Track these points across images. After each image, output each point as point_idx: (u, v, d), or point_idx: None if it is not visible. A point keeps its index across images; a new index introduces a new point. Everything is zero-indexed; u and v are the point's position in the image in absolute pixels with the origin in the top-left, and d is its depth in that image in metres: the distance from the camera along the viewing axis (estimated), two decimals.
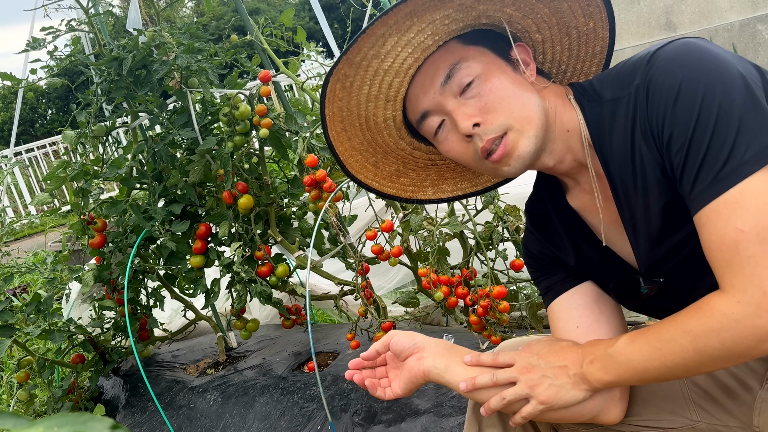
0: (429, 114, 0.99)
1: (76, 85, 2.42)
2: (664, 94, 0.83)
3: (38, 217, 3.10)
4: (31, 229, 8.99)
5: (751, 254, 0.76)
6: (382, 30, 0.92)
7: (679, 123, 0.82)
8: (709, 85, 0.80)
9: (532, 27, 1.01)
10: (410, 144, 1.10)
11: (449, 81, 0.95)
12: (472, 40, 0.97)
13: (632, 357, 0.88)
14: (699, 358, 0.81)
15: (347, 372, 1.11)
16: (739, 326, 0.77)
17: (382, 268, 2.96)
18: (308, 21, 16.39)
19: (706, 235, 0.81)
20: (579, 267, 1.08)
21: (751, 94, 0.80)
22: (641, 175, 0.89)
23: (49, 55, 2.28)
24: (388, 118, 1.05)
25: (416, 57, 0.96)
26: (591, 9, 0.98)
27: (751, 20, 5.19)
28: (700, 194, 0.81)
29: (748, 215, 0.76)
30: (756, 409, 0.97)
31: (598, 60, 1.06)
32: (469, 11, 0.94)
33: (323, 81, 0.98)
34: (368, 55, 0.95)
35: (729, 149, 0.78)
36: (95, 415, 0.30)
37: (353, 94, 1.00)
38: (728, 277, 0.79)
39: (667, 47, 0.87)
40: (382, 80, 0.98)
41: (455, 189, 1.18)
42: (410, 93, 1.00)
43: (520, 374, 0.97)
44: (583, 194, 1.03)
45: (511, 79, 0.95)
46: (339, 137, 1.06)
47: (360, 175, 1.11)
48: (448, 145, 1.00)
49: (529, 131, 0.93)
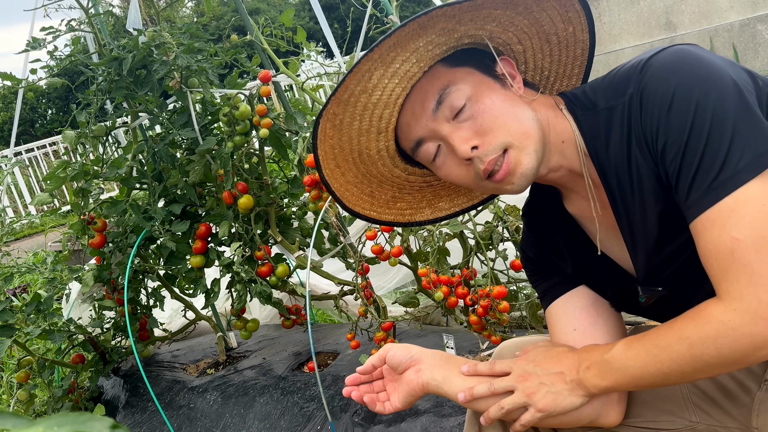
0: (424, 141, 0.98)
1: (76, 85, 2.42)
2: (658, 103, 0.83)
3: (38, 217, 3.10)
4: (31, 229, 8.99)
5: (747, 262, 0.77)
6: (367, 65, 0.91)
7: (673, 131, 0.82)
8: (703, 93, 0.80)
9: (513, 39, 1.01)
10: (405, 170, 1.09)
11: (440, 106, 0.94)
12: (457, 61, 0.96)
13: (629, 363, 0.88)
14: (695, 365, 0.82)
15: (344, 389, 1.10)
16: (735, 333, 0.77)
17: (382, 268, 2.96)
18: (308, 21, 16.39)
19: (702, 243, 0.81)
20: (576, 274, 1.08)
21: (744, 101, 0.80)
22: (638, 183, 0.89)
23: (49, 55, 2.28)
24: (381, 149, 1.04)
25: (403, 86, 0.95)
26: (570, 14, 0.97)
27: (751, 20, 5.20)
28: (695, 202, 0.81)
29: (744, 223, 0.77)
30: (755, 410, 0.97)
31: (579, 62, 1.06)
32: (452, 34, 0.93)
33: (314, 123, 0.97)
34: (355, 92, 0.94)
35: (723, 157, 0.78)
36: (95, 415, 0.30)
37: (344, 131, 0.99)
38: (724, 285, 0.79)
39: (660, 55, 0.87)
40: (372, 113, 0.97)
41: (452, 206, 1.17)
42: (401, 122, 0.99)
43: (518, 382, 0.97)
44: (580, 201, 1.03)
45: (502, 97, 0.95)
46: (333, 174, 1.05)
47: (357, 207, 1.10)
48: (447, 170, 0.99)
49: (529, 147, 0.93)
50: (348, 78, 0.91)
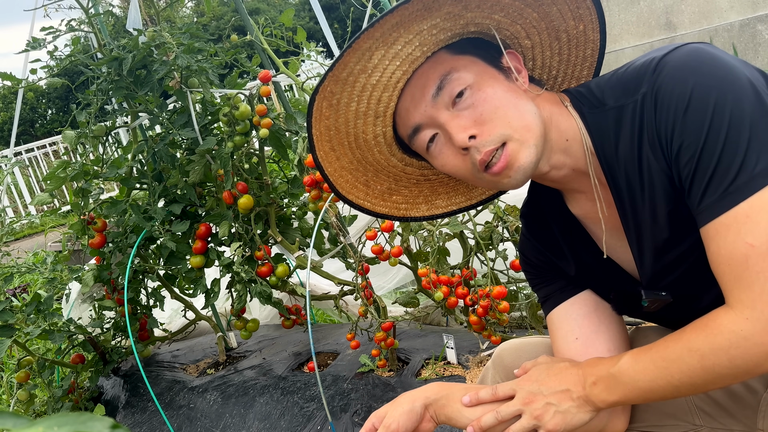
0: (421, 128, 0.95)
1: (76, 85, 2.42)
2: (674, 103, 0.81)
3: (38, 217, 3.10)
4: (31, 229, 8.99)
5: (761, 270, 0.75)
6: (368, 43, 0.87)
7: (690, 133, 0.80)
8: (721, 95, 0.78)
9: (521, 33, 0.98)
10: (402, 160, 1.06)
11: (440, 93, 0.91)
12: (461, 49, 0.93)
13: (637, 377, 0.87)
14: (707, 377, 0.80)
15: None
16: (748, 343, 0.76)
17: (382, 268, 2.96)
18: (308, 21, 16.39)
19: (714, 248, 0.80)
20: (579, 276, 1.06)
21: (762, 103, 0.78)
22: (649, 184, 0.87)
23: (49, 55, 2.28)
24: (378, 135, 1.00)
25: (405, 69, 0.92)
26: (581, 11, 0.95)
27: (751, 20, 5.20)
28: (709, 207, 0.79)
29: (759, 230, 0.75)
30: (761, 412, 0.96)
31: (589, 63, 1.03)
32: (457, 19, 0.91)
33: (309, 100, 0.94)
34: (355, 71, 0.90)
35: (740, 161, 0.76)
36: (95, 415, 0.30)
37: (341, 112, 0.96)
38: (737, 293, 0.77)
39: (675, 53, 0.84)
40: (370, 95, 0.94)
41: (449, 204, 1.14)
42: (400, 107, 0.96)
43: (524, 405, 0.96)
44: (584, 201, 1.00)
45: (504, 88, 0.92)
46: (327, 157, 1.01)
47: (351, 195, 1.07)
48: (443, 160, 0.96)
49: (529, 141, 0.90)
50: (347, 54, 0.88)
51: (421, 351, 2.22)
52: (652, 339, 0.94)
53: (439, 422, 1.05)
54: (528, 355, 1.09)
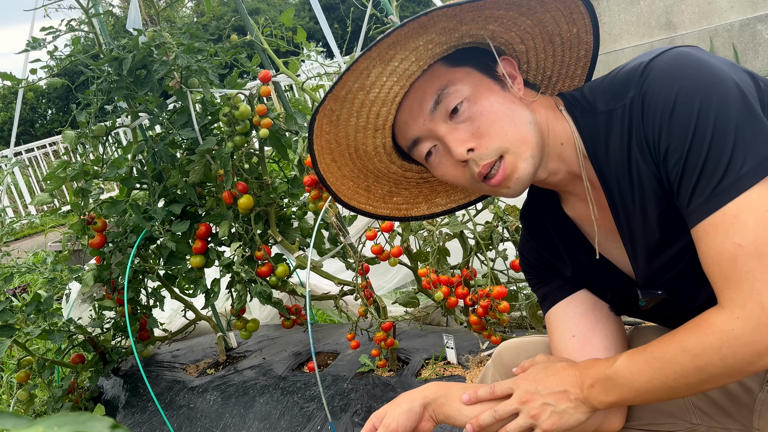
0: (420, 140, 0.97)
1: (76, 85, 2.42)
2: (660, 107, 0.82)
3: (38, 217, 3.10)
4: (31, 229, 9.00)
5: (750, 269, 0.76)
6: (365, 63, 0.89)
7: (676, 136, 0.81)
8: (706, 97, 0.79)
9: (516, 39, 0.99)
10: (401, 167, 1.08)
11: (438, 107, 0.93)
12: (457, 61, 0.95)
13: (633, 378, 0.87)
14: (701, 377, 0.81)
15: None
16: (739, 342, 0.76)
17: (382, 268, 2.96)
18: (308, 21, 16.39)
19: (704, 249, 0.80)
20: (576, 277, 1.07)
21: (747, 104, 0.79)
22: (638, 186, 0.88)
23: (49, 55, 2.28)
24: (378, 146, 1.03)
25: (402, 84, 0.94)
26: (574, 16, 0.96)
27: (751, 20, 5.20)
28: (697, 208, 0.80)
29: (747, 230, 0.76)
30: (756, 411, 0.97)
31: (583, 63, 1.04)
32: (452, 33, 0.92)
33: (310, 118, 0.96)
34: (353, 89, 0.93)
35: (726, 162, 0.77)
36: (95, 415, 0.30)
37: (341, 127, 0.98)
38: (727, 293, 0.78)
39: (661, 58, 0.86)
40: (369, 111, 0.96)
41: (449, 201, 1.17)
42: (399, 120, 0.98)
43: (521, 405, 0.97)
44: (578, 204, 1.02)
45: (501, 99, 0.93)
46: (329, 168, 1.04)
47: (353, 201, 1.10)
48: (442, 170, 0.98)
49: (525, 153, 0.92)
50: (346, 75, 0.90)
51: (421, 351, 2.22)
52: (650, 339, 0.95)
53: (438, 421, 1.06)
54: (527, 354, 1.10)
